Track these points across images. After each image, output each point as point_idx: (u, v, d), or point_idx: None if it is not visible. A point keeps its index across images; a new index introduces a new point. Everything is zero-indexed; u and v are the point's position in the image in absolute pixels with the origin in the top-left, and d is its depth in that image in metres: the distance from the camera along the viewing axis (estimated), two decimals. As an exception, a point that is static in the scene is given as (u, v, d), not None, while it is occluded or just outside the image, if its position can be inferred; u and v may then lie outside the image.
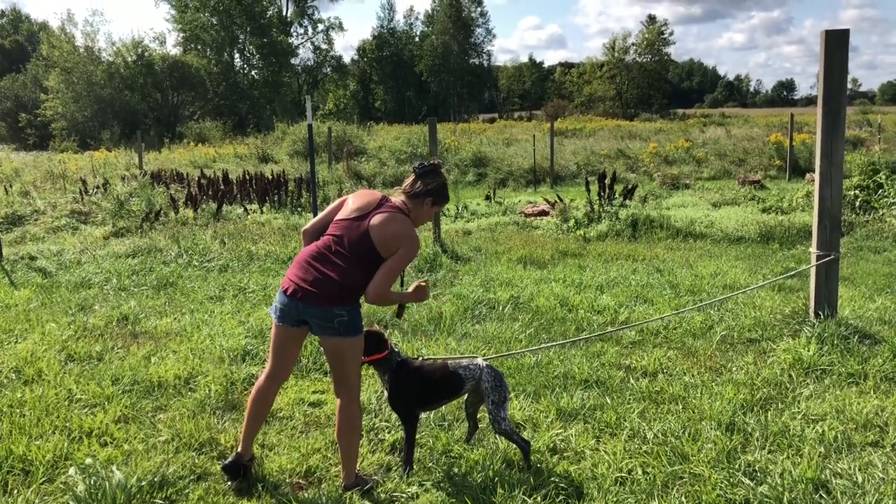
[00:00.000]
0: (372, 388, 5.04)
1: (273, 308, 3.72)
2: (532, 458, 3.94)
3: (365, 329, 3.88)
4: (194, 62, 60.86)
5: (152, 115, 56.65)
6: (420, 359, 4.12)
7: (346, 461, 3.74)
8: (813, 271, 6.09)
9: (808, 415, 4.47)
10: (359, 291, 3.62)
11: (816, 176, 6.06)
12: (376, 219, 3.62)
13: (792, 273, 7.61)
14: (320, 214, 3.90)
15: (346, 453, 3.73)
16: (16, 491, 3.74)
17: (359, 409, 3.74)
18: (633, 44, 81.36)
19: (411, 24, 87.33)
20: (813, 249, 6.12)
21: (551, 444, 4.18)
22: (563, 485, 3.68)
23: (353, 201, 3.75)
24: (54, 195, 16.72)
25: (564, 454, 4.09)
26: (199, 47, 65.03)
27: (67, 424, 4.51)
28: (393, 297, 3.67)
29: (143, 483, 3.68)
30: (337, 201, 3.86)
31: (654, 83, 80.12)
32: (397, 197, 3.79)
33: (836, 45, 5.77)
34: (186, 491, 3.73)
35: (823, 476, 3.69)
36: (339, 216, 3.74)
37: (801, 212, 12.22)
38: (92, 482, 3.57)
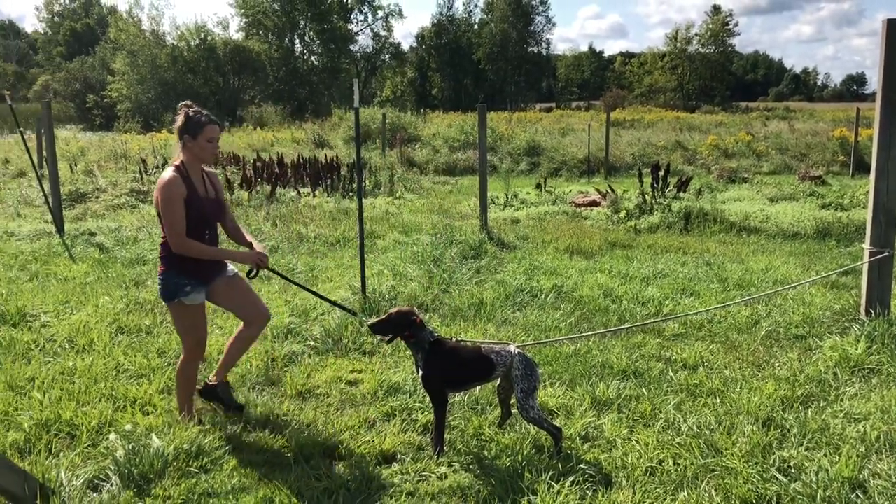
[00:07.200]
0: (408, 369, 5.09)
1: None
2: (563, 444, 3.94)
3: (396, 309, 3.96)
4: (255, 47, 61.87)
5: (214, 98, 57.76)
6: (454, 340, 4.14)
7: (177, 398, 4.35)
8: (865, 268, 5.90)
9: (851, 414, 4.35)
10: (170, 256, 4.03)
11: (873, 169, 5.85)
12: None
13: (842, 269, 7.39)
14: None
15: (177, 393, 4.34)
16: (61, 453, 3.89)
17: (191, 368, 4.23)
18: (696, 34, 79.59)
19: (470, 11, 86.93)
20: (866, 245, 5.92)
21: (583, 432, 4.16)
22: (591, 472, 3.66)
23: None
24: (116, 174, 17.20)
25: (596, 442, 4.07)
26: (260, 32, 66.03)
27: (113, 393, 4.68)
28: (193, 247, 3.99)
29: (180, 451, 3.80)
30: None
31: (717, 75, 78.24)
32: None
33: (899, 34, 5.54)
34: (221, 461, 3.83)
35: (861, 476, 3.60)
36: None
37: (861, 209, 11.80)
38: (131, 448, 3.70)
